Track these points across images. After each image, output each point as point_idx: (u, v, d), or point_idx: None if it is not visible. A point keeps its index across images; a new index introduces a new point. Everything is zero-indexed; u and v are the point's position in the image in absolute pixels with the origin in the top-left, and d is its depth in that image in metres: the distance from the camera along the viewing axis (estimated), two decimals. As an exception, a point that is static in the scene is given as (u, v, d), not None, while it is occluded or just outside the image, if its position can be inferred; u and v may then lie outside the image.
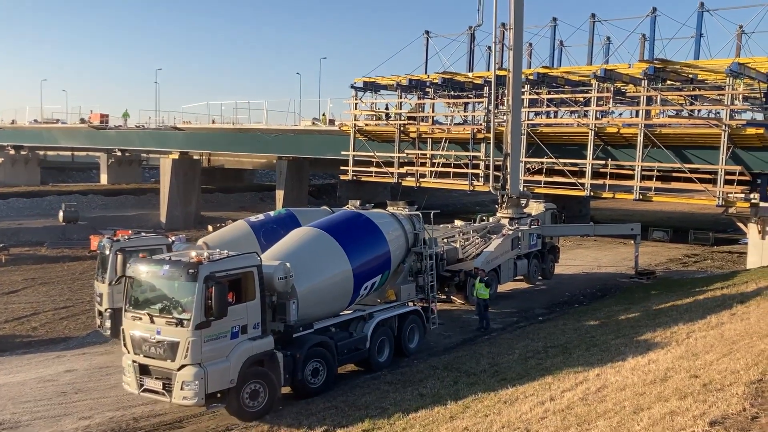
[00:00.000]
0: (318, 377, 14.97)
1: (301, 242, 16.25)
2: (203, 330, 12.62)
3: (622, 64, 37.13)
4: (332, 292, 15.90)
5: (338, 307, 16.40)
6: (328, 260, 16.01)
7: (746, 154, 30.73)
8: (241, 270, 13.42)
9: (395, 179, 42.62)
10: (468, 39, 46.13)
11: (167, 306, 13.07)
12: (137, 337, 13.19)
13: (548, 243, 30.01)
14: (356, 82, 43.55)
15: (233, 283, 13.22)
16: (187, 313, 12.68)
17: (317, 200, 60.54)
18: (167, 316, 12.91)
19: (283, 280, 14.16)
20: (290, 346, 14.39)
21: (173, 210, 53.67)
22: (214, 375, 12.72)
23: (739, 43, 40.45)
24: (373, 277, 17.16)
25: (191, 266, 12.82)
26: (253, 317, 13.51)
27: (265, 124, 50.58)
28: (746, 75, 31.12)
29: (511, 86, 28.22)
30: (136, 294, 13.57)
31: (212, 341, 12.78)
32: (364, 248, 17.01)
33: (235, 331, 13.14)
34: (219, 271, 12.96)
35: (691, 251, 38.97)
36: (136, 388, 13.35)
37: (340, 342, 15.76)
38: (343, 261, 16.14)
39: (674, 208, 53.66)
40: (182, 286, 12.92)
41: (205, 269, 12.75)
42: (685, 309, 18.57)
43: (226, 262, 13.32)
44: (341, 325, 16.42)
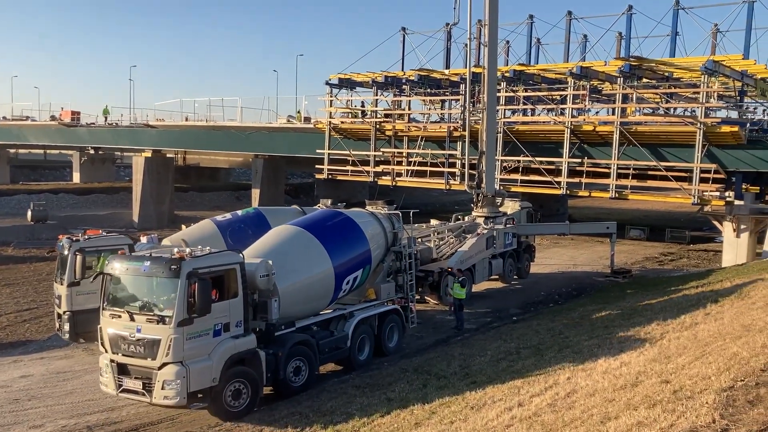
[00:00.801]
0: (300, 376, 14.82)
1: (283, 240, 16.09)
2: (185, 327, 12.39)
3: (598, 62, 36.99)
4: (314, 290, 15.81)
5: (319, 305, 16.30)
6: (310, 259, 15.89)
7: (721, 153, 30.69)
8: (223, 267, 13.23)
9: (371, 178, 42.16)
10: (445, 36, 45.75)
11: (148, 303, 12.81)
12: (116, 336, 12.87)
13: (524, 242, 29.74)
14: (331, 78, 42.98)
15: (216, 280, 13.04)
16: (168, 310, 12.45)
17: (295, 199, 59.78)
18: (148, 313, 12.64)
19: (265, 278, 13.95)
20: (272, 345, 14.20)
21: (146, 209, 52.69)
22: (197, 374, 12.47)
23: (714, 41, 40.51)
24: (354, 276, 17.08)
25: (173, 262, 12.56)
26: (236, 315, 13.31)
27: (239, 122, 49.85)
28: (721, 73, 31.08)
29: (486, 84, 27.87)
30: (115, 291, 13.25)
31: (194, 339, 12.54)
32: (345, 247, 16.96)
33: (218, 329, 12.92)
34: (202, 267, 12.74)
35: (668, 249, 38.96)
36: (114, 388, 13.00)
37: (321, 340, 15.68)
38: (325, 259, 16.05)
39: (651, 207, 53.77)
40: (164, 283, 12.67)
41: (187, 265, 12.53)
42: (660, 308, 18.31)
43: (209, 259, 13.10)
44: (322, 324, 16.35)
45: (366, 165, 42.41)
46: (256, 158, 51.15)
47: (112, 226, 47.74)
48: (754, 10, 36.77)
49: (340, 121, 43.75)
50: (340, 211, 18.88)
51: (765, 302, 14.25)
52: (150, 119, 56.21)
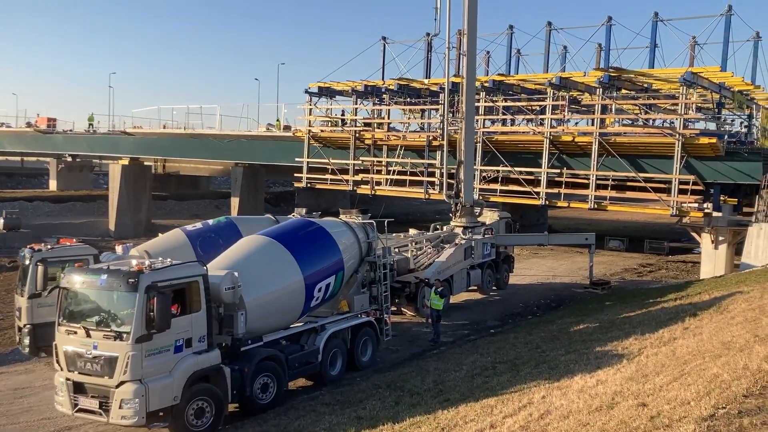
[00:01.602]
0: (267, 392, 14.29)
1: (250, 251, 15.49)
2: (144, 344, 11.85)
3: (577, 73, 36.97)
4: (283, 303, 15.24)
5: (289, 318, 15.73)
6: (279, 270, 15.31)
7: (700, 164, 30.69)
8: (185, 279, 12.70)
9: (350, 187, 41.79)
10: (425, 46, 45.60)
11: (105, 318, 12.24)
12: (71, 353, 12.29)
13: (502, 252, 29.45)
14: (311, 87, 42.68)
15: (177, 293, 12.52)
16: (126, 325, 11.89)
17: (275, 208, 59.19)
18: (105, 329, 12.07)
19: (231, 291, 13.40)
20: (238, 360, 13.67)
21: (122, 217, 51.93)
22: (156, 392, 11.92)
23: (692, 53, 40.73)
24: (326, 288, 16.49)
25: (131, 275, 12.02)
26: (199, 330, 12.76)
27: (218, 130, 49.30)
28: (699, 85, 31.16)
29: (465, 93, 27.63)
30: (71, 306, 12.67)
31: (154, 356, 12.00)
32: (316, 257, 16.35)
33: (179, 344, 12.38)
34: (161, 280, 12.20)
35: (646, 261, 38.91)
36: (69, 408, 12.40)
37: (290, 355, 15.12)
38: (295, 271, 15.48)
39: (630, 217, 53.87)
40: (122, 297, 12.12)
41: (146, 279, 11.99)
42: (638, 322, 18.03)
43: (169, 272, 12.55)
44: (292, 338, 15.79)
45: (345, 174, 42.06)
46: (236, 166, 50.63)
47: (87, 234, 46.92)
48: (731, 23, 37.07)
49: (320, 130, 43.41)
50: (313, 220, 18.34)
51: (744, 317, 14.00)
52: (128, 127, 55.45)
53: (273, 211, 54.41)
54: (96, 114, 66.66)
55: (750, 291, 18.89)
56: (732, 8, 36.68)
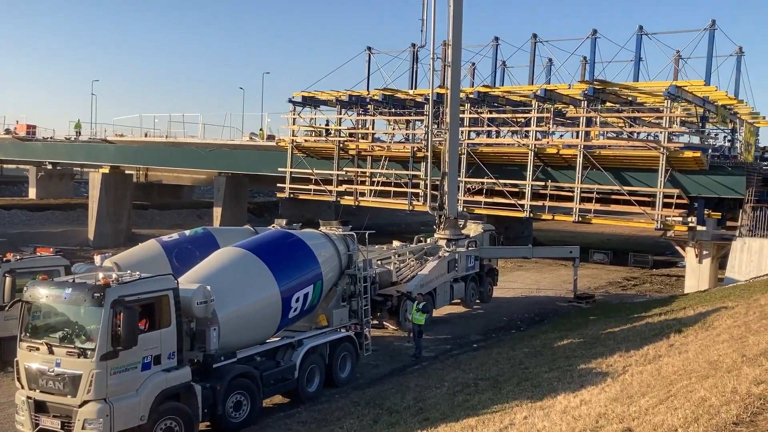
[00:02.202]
0: (241, 411, 13.77)
1: (224, 263, 14.96)
2: (110, 361, 11.34)
3: (562, 85, 36.90)
4: (258, 317, 14.73)
5: (265, 333, 15.21)
6: (254, 283, 14.81)
7: (684, 178, 30.63)
8: (154, 294, 12.21)
9: (334, 197, 41.40)
10: (410, 56, 45.44)
11: (69, 334, 11.70)
12: (33, 370, 11.74)
13: (486, 265, 29.16)
14: (295, 96, 42.34)
15: (145, 308, 12.03)
16: (91, 342, 11.39)
17: (258, 218, 58.73)
18: (69, 345, 11.55)
19: (203, 305, 12.92)
20: (210, 378, 13.17)
21: (102, 227, 51.13)
22: (122, 411, 11.40)
23: (677, 67, 40.86)
24: (303, 302, 15.98)
25: (97, 290, 11.53)
26: (168, 346, 12.29)
27: (200, 139, 48.74)
28: (683, 98, 31.18)
29: (449, 104, 27.40)
30: (34, 321, 12.12)
31: (120, 373, 11.49)
32: (293, 270, 15.87)
33: (147, 361, 11.90)
34: (129, 294, 11.71)
35: (631, 274, 38.80)
36: (30, 428, 11.82)
37: (265, 372, 14.60)
38: (271, 284, 14.99)
39: (615, 230, 53.88)
40: (87, 312, 11.62)
41: (112, 293, 11.49)
42: (623, 338, 17.74)
43: (138, 285, 12.07)
44: (268, 354, 15.27)
45: (329, 184, 41.66)
46: (219, 176, 50.08)
47: (66, 243, 46.09)
48: (714, 37, 37.24)
49: (304, 140, 43.05)
50: (291, 232, 17.82)
51: (730, 335, 13.74)
52: (109, 135, 54.74)
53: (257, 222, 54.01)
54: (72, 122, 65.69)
55: (735, 306, 18.67)
56: (715, 23, 36.92)
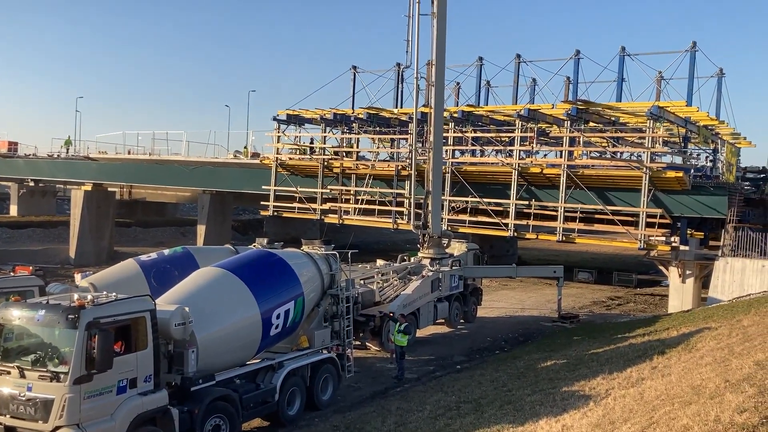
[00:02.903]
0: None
1: (203, 284, 14.74)
2: (83, 385, 11.05)
3: (546, 105, 37.05)
4: (238, 339, 14.48)
5: (244, 355, 14.96)
6: (234, 304, 14.57)
7: (667, 198, 30.75)
8: (130, 315, 11.97)
9: (318, 216, 41.19)
10: (395, 76, 45.51)
11: (42, 357, 11.40)
12: (4, 395, 11.40)
13: (470, 285, 29.06)
14: (279, 114, 42.21)
15: (121, 330, 11.78)
16: (64, 365, 11.10)
17: (243, 236, 58.41)
18: (41, 369, 11.23)
19: (181, 327, 12.68)
20: (188, 401, 12.90)
21: (84, 245, 50.56)
22: None
23: (659, 88, 41.23)
24: (284, 323, 15.72)
25: (71, 311, 11.26)
26: (144, 369, 12.03)
27: (183, 156, 48.40)
28: (666, 119, 31.38)
29: (433, 123, 27.39)
30: (6, 343, 11.81)
31: (94, 398, 11.20)
32: (274, 291, 15.65)
33: (123, 385, 11.64)
34: (104, 316, 11.47)
35: (615, 293, 38.86)
36: None
37: (245, 395, 14.32)
38: (251, 305, 14.77)
39: (599, 249, 54.01)
40: (61, 334, 11.34)
41: (87, 315, 11.25)
42: (606, 359, 17.62)
43: (113, 307, 11.83)
44: (247, 376, 14.99)
45: (313, 202, 41.47)
46: (203, 193, 49.76)
47: (47, 262, 45.49)
48: (696, 59, 37.61)
49: (288, 158, 42.90)
50: (272, 251, 17.61)
51: (713, 358, 13.64)
52: (92, 152, 54.28)
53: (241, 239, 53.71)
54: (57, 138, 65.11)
55: (718, 327, 18.63)
56: (696, 44, 37.28)
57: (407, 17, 26.63)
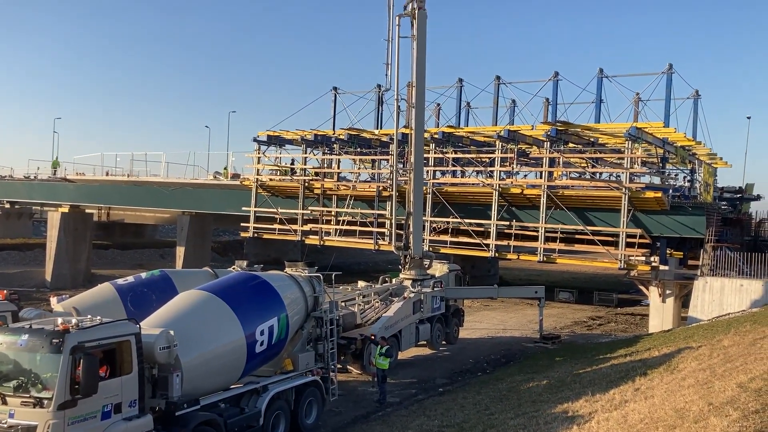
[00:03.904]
0: None
1: (188, 307, 14.60)
2: (68, 410, 10.83)
3: (525, 126, 37.36)
4: (223, 363, 14.32)
5: (229, 379, 14.79)
6: (219, 327, 14.43)
7: (646, 218, 30.97)
8: (115, 339, 11.82)
9: (298, 237, 40.95)
10: (376, 97, 45.71)
11: (24, 383, 11.14)
12: None
13: (452, 306, 28.92)
14: (260, 135, 42.14)
15: (106, 354, 11.62)
16: (48, 390, 10.89)
17: (223, 257, 57.90)
18: (23, 395, 10.99)
19: (166, 351, 12.54)
20: (172, 426, 12.73)
21: (60, 267, 49.76)
22: None
23: (637, 109, 41.82)
24: (269, 345, 15.58)
25: (56, 335, 11.12)
26: (129, 394, 11.86)
27: (163, 177, 47.99)
28: (644, 140, 31.71)
29: (413, 144, 27.41)
30: None
31: (78, 423, 10.98)
32: (259, 314, 15.50)
33: (107, 410, 11.44)
34: (89, 340, 11.32)
35: (596, 313, 38.93)
36: None
37: (230, 419, 14.12)
38: (236, 328, 14.64)
39: (580, 269, 54.27)
40: (44, 359, 11.13)
41: (72, 339, 11.09)
42: (589, 381, 17.53)
43: (99, 331, 11.66)
44: (232, 400, 14.80)
45: (294, 223, 41.25)
46: (182, 215, 49.28)
47: (22, 285, 44.66)
48: (672, 80, 38.22)
49: (268, 179, 42.72)
50: (256, 274, 17.48)
51: (695, 379, 13.61)
52: (69, 173, 53.67)
53: (220, 261, 53.17)
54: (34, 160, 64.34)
55: (699, 348, 18.66)
56: (673, 67, 37.90)
57: (387, 41, 26.73)
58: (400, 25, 26.59)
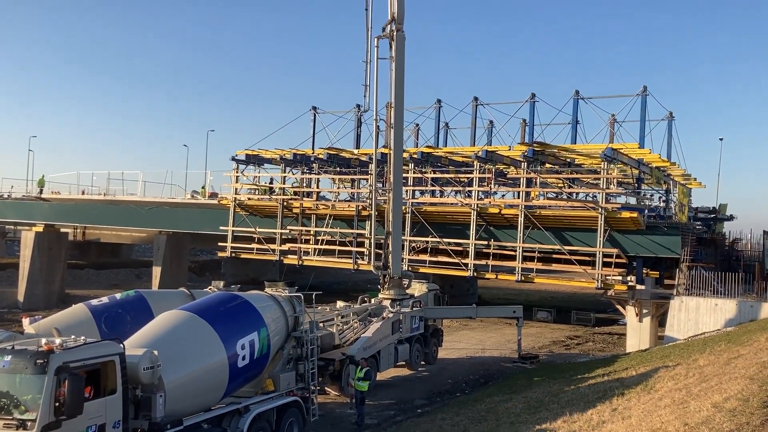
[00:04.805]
0: None
1: (171, 327, 14.57)
2: None
3: (503, 147, 37.69)
4: (205, 383, 14.27)
5: (212, 399, 14.70)
6: (202, 348, 14.42)
7: (622, 238, 31.26)
8: (100, 359, 11.72)
9: (277, 256, 40.71)
10: (355, 117, 45.90)
11: (7, 405, 10.96)
12: None
13: (431, 326, 28.84)
14: (238, 154, 42.04)
15: (91, 374, 11.50)
16: (32, 412, 10.74)
17: (200, 277, 57.41)
18: (6, 417, 10.82)
19: (150, 371, 12.49)
20: None
21: (33, 288, 48.96)
22: None
23: (612, 130, 42.39)
24: (251, 361, 15.57)
25: (40, 356, 10.99)
26: (113, 414, 11.78)
27: (140, 196, 47.57)
28: (619, 160, 32.10)
29: (392, 164, 27.49)
30: None
31: None
32: (241, 334, 15.47)
33: (92, 431, 11.33)
34: (74, 360, 11.21)
35: (574, 333, 39.07)
36: None
37: None
38: (218, 348, 14.62)
39: (558, 288, 54.56)
40: (28, 381, 10.99)
41: (56, 359, 10.98)
42: (567, 401, 17.54)
43: (83, 351, 11.56)
44: (214, 421, 14.68)
45: (272, 243, 41.02)
46: (159, 234, 48.81)
47: (-7, 306, 43.85)
48: (647, 102, 38.89)
49: (247, 198, 42.53)
50: (237, 294, 17.50)
51: (671, 399, 13.68)
52: (44, 192, 52.95)
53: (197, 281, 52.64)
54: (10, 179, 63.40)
55: (675, 367, 18.79)
56: (647, 89, 38.59)
57: (365, 63, 26.87)
58: (379, 46, 26.77)
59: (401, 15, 26.73)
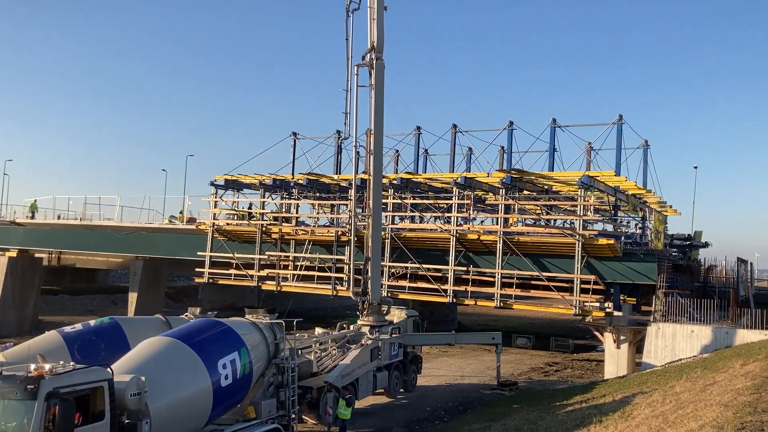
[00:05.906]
0: None
1: (156, 353, 14.63)
2: None
3: (481, 173, 37.97)
4: (190, 409, 14.33)
5: (195, 425, 14.71)
6: (186, 374, 14.51)
7: (600, 264, 31.51)
8: (89, 385, 11.68)
9: (255, 282, 40.39)
10: (335, 142, 45.98)
11: None
12: None
13: (410, 352, 28.74)
14: (217, 179, 41.84)
15: (80, 400, 11.43)
16: None
17: (177, 303, 56.74)
18: None
19: (136, 397, 12.48)
20: None
21: (5, 314, 47.93)
22: None
23: (589, 158, 42.92)
24: (234, 393, 15.69)
25: (30, 381, 10.91)
26: None
27: (117, 221, 47.10)
28: (596, 187, 32.47)
29: (372, 190, 27.57)
30: None
31: None
32: (223, 355, 15.56)
33: None
34: (64, 386, 11.14)
35: (553, 359, 39.11)
36: None
37: None
38: (203, 375, 14.73)
39: (536, 314, 54.70)
40: (16, 407, 10.91)
41: (47, 385, 10.92)
42: (545, 428, 17.55)
43: (73, 376, 11.51)
44: None
45: (250, 268, 40.72)
46: (136, 260, 48.28)
47: (-37, 332, 42.80)
48: (622, 130, 39.49)
49: (225, 223, 42.25)
50: (220, 320, 17.48)
51: (648, 426, 13.70)
52: (19, 216, 52.22)
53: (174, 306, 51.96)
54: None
55: (652, 394, 18.86)
56: (623, 117, 39.21)
57: (345, 91, 27.07)
58: (359, 74, 27.02)
59: (381, 44, 27.04)
